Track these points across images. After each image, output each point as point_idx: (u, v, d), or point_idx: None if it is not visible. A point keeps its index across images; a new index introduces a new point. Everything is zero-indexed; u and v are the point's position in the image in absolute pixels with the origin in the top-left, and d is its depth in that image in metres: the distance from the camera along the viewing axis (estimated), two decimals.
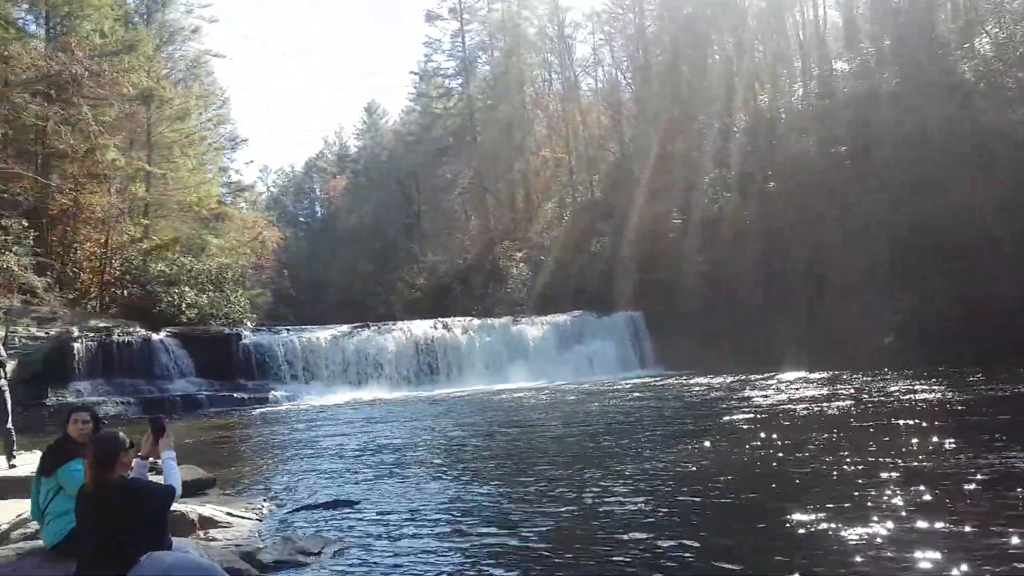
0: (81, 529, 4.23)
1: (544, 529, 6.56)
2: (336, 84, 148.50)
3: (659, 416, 14.79)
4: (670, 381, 23.51)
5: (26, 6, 34.04)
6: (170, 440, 4.77)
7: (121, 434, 4.33)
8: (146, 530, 4.07)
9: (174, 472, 4.58)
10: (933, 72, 28.60)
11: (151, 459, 4.74)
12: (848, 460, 8.70)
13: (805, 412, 13.52)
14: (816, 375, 21.12)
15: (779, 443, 10.29)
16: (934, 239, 25.40)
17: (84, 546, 4.14)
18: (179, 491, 4.44)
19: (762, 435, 10.97)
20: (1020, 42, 28.39)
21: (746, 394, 17.49)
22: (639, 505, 7.22)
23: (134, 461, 4.45)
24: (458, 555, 5.98)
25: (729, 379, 22.24)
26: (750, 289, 29.61)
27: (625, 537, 6.09)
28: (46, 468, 4.94)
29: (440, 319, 31.01)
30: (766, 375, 22.17)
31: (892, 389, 16.26)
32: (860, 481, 7.56)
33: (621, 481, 8.39)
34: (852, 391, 16.48)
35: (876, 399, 14.78)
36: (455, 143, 54.60)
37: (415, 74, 62.67)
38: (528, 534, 6.41)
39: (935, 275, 24.95)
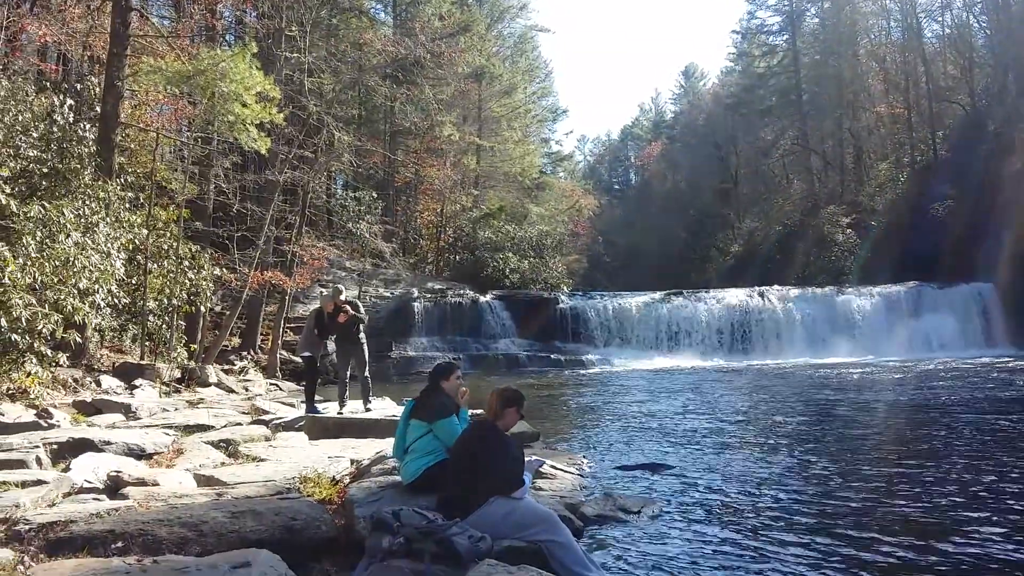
0: (452, 463, 4.89)
1: (853, 510, 6.09)
2: (653, 49, 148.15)
3: (997, 402, 12.99)
4: (1022, 363, 20.55)
5: None
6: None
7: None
8: (503, 478, 4.58)
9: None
10: None
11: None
12: None
13: None
14: None
15: None
16: None
17: (451, 480, 4.77)
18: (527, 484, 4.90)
19: None
20: None
21: None
22: (959, 504, 6.42)
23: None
24: (770, 529, 5.73)
25: None
26: None
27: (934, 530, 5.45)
28: (425, 414, 5.49)
29: (756, 287, 29.92)
30: None
31: None
32: None
33: (942, 473, 7.53)
34: None
35: None
36: (778, 103, 51.89)
37: (736, 33, 60.53)
38: (841, 518, 5.99)
39: None
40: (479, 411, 6.13)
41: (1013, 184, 31.85)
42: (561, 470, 7.75)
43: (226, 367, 20.20)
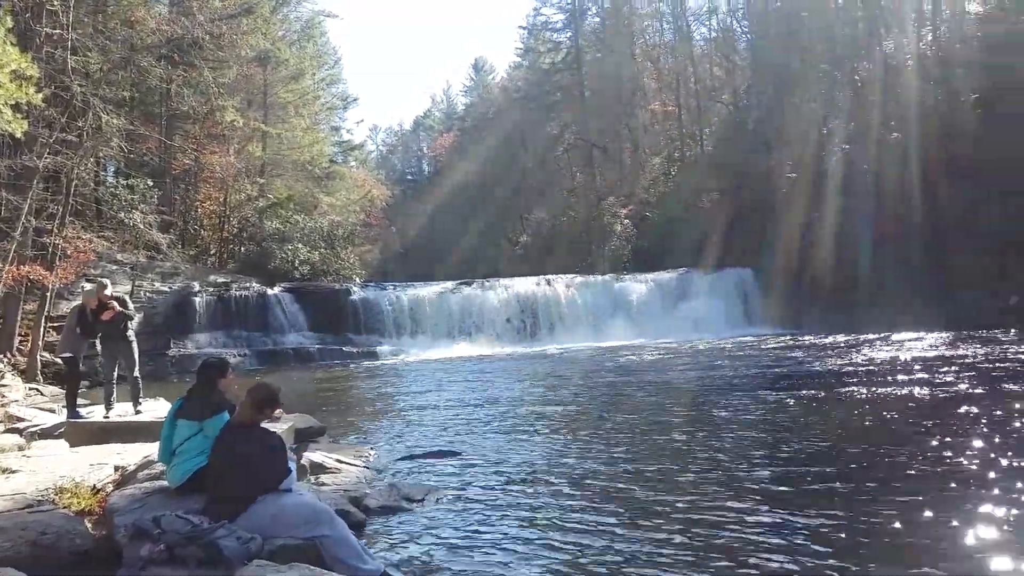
0: (214, 466, 4.63)
1: (643, 489, 6.52)
2: (444, 41, 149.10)
3: (759, 376, 14.41)
4: (777, 341, 22.84)
5: None
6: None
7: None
8: (268, 473, 4.45)
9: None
10: None
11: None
12: (955, 430, 8.26)
13: (919, 375, 12.86)
14: (933, 336, 20.11)
15: (878, 405, 9.88)
16: None
17: (212, 483, 4.56)
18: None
19: (861, 397, 10.56)
20: None
21: (856, 355, 16.84)
22: (731, 467, 7.09)
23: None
24: (556, 509, 6.01)
25: (840, 339, 21.49)
26: (866, 246, 28.22)
27: (715, 497, 5.99)
28: (193, 413, 5.20)
29: (543, 276, 31.04)
30: (881, 335, 21.29)
31: (1013, 351, 15.27)
32: (967, 452, 7.17)
33: (716, 442, 8.27)
34: (970, 353, 15.57)
35: (991, 360, 13.93)
36: (562, 98, 53.96)
37: (523, 28, 62.17)
38: (626, 493, 6.38)
39: None
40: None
41: (769, 178, 35.18)
42: (347, 463, 7.69)
43: None
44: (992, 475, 6.21)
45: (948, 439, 7.66)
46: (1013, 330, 20.00)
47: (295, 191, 40.18)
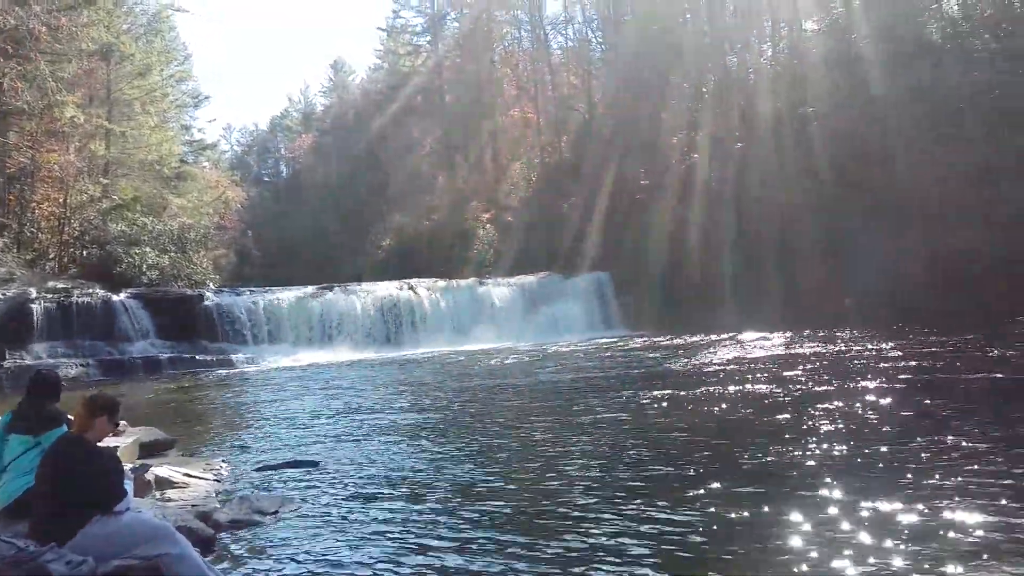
0: (40, 484, 4.28)
1: (501, 492, 6.60)
2: (302, 40, 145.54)
3: (618, 377, 14.91)
4: (635, 342, 23.69)
5: None
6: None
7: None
8: (101, 496, 4.17)
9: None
10: (902, 33, 28.68)
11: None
12: (795, 418, 8.85)
13: (763, 373, 13.69)
14: (778, 335, 21.42)
15: (730, 401, 10.45)
16: (900, 203, 25.76)
17: (40, 503, 4.21)
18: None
19: (715, 394, 11.14)
20: (988, 3, 28.55)
21: (707, 355, 17.71)
22: (592, 468, 7.31)
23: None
24: (414, 515, 6.01)
25: (693, 339, 22.51)
26: (716, 251, 29.78)
27: (575, 498, 6.17)
28: (27, 427, 4.87)
29: (405, 280, 30.87)
30: (730, 335, 22.47)
31: (848, 348, 16.53)
32: (808, 437, 7.70)
33: (575, 441, 8.50)
34: (810, 351, 16.71)
35: (831, 358, 15.02)
36: (423, 102, 53.91)
37: (383, 31, 61.62)
38: (485, 497, 6.44)
39: (899, 239, 25.27)
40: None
41: (626, 185, 36.43)
42: (196, 477, 7.41)
43: None
44: (831, 467, 6.67)
45: (789, 435, 8.18)
46: (849, 329, 21.59)
47: (142, 192, 38.28)
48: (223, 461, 8.59)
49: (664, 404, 10.76)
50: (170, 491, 6.88)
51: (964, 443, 7.08)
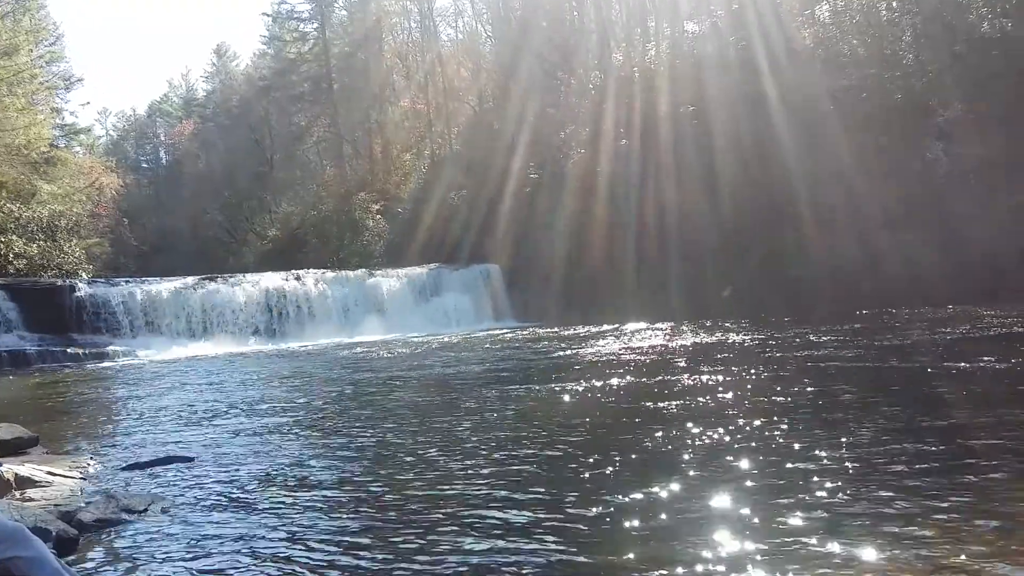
0: None
1: (390, 488, 6.58)
2: (184, 24, 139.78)
3: (505, 366, 15.10)
4: (522, 332, 24.04)
5: None
6: None
7: None
8: None
9: None
10: (775, 36, 30.00)
11: None
12: (672, 402, 9.20)
13: (641, 359, 14.14)
14: (659, 326, 22.13)
15: (612, 387, 10.77)
16: (772, 202, 27.04)
17: None
18: None
19: (597, 381, 11.43)
20: (856, 10, 30.20)
21: (594, 344, 18.13)
22: (475, 458, 7.40)
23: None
24: (296, 513, 5.91)
25: (579, 330, 22.98)
26: (601, 244, 30.47)
27: (466, 492, 6.24)
28: None
29: (292, 271, 30.26)
30: (615, 326, 23.05)
31: (721, 337, 17.27)
32: (686, 420, 8.02)
33: (457, 432, 8.57)
34: (688, 340, 17.37)
35: (706, 346, 15.66)
36: (310, 90, 52.78)
37: (267, 16, 59.80)
38: (373, 494, 6.41)
39: (770, 234, 26.54)
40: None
41: (514, 177, 36.73)
42: (60, 475, 7.09)
43: None
44: (718, 454, 6.96)
45: (675, 420, 8.48)
46: (722, 319, 22.55)
47: (8, 177, 36.12)
48: (91, 458, 8.24)
49: (552, 393, 10.97)
50: (31, 490, 6.55)
51: (821, 421, 7.53)
